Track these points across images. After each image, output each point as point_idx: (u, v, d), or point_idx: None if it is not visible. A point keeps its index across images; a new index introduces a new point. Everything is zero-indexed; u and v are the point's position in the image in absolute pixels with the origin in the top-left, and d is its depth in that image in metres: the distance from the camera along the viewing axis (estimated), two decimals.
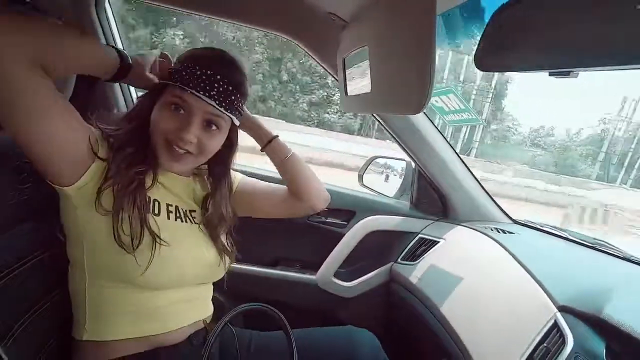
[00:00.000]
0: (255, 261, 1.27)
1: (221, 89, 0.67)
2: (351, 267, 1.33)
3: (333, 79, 1.03)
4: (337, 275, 1.30)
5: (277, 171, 0.91)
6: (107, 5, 1.04)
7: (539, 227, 1.26)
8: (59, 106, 0.57)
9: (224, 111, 0.69)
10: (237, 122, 0.75)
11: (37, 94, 0.53)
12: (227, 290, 0.85)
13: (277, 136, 0.89)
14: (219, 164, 0.81)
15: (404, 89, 0.53)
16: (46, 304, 0.66)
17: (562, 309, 0.71)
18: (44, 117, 0.55)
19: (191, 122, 0.67)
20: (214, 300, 0.85)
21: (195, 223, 0.77)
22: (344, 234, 1.30)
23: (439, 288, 1.03)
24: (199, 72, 0.66)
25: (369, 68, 0.68)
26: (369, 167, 1.68)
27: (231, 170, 0.91)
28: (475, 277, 0.98)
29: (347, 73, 0.85)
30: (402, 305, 1.19)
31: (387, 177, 1.74)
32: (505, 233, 1.15)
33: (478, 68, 0.44)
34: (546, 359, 0.64)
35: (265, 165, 1.13)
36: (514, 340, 0.73)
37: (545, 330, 0.69)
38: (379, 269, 1.31)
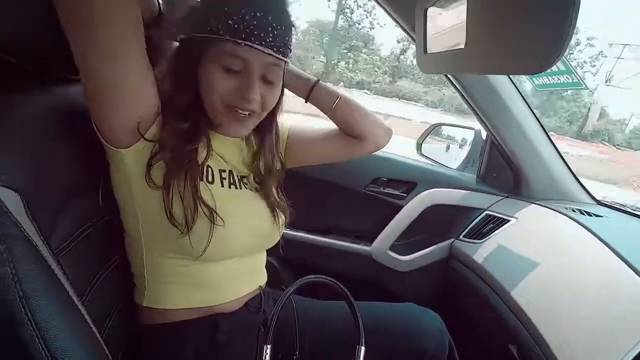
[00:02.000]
0: (306, 228, 1.25)
1: (275, 32, 0.56)
2: (408, 240, 1.27)
3: (407, 35, 0.92)
4: (393, 248, 1.25)
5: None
6: None
7: (630, 210, 1.10)
8: (142, 44, 0.52)
9: (282, 58, 0.59)
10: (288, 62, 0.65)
11: (136, 20, 0.50)
12: (280, 255, 0.83)
13: (318, 80, 0.78)
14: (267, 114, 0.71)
15: (524, 41, 0.43)
16: (110, 267, 0.67)
17: None
18: (133, 49, 0.51)
19: (252, 79, 0.58)
20: (266, 264, 0.83)
21: (248, 189, 0.72)
22: (403, 206, 1.23)
23: (510, 271, 0.95)
24: (247, 17, 0.54)
25: (464, 20, 0.57)
26: (429, 135, 1.57)
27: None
28: (556, 263, 0.88)
29: (428, 27, 0.74)
30: (463, 284, 1.12)
31: (448, 147, 1.62)
32: (590, 215, 1.02)
33: None
34: None
35: None
36: (612, 337, 0.64)
37: None
38: (438, 244, 1.24)
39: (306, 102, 0.79)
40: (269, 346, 0.60)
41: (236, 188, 0.69)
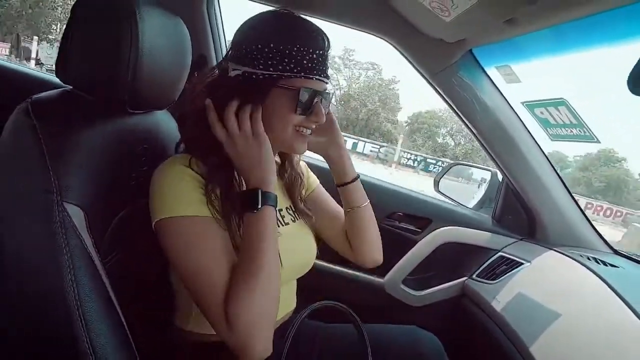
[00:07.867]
0: (322, 257, 1.28)
1: (324, 60, 0.64)
2: (421, 275, 1.29)
3: None
4: (405, 282, 1.27)
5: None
6: (216, 4, 1.11)
7: None
8: None
9: (328, 81, 0.67)
10: None
11: None
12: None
13: (359, 176, 0.82)
14: None
15: None
16: (151, 286, 0.71)
17: None
18: None
19: (320, 105, 0.65)
20: None
21: (288, 222, 0.75)
22: (417, 241, 1.26)
23: (528, 321, 0.93)
24: (315, 56, 0.62)
25: None
26: (447, 173, 1.61)
27: (309, 170, 0.89)
28: (570, 314, 0.87)
29: None
30: (475, 325, 1.12)
31: (464, 186, 1.65)
32: (606, 265, 1.02)
33: (632, 92, 0.38)
34: None
35: None
36: None
37: None
38: (450, 282, 1.25)
39: (338, 187, 0.82)
40: None
41: (281, 225, 0.72)
